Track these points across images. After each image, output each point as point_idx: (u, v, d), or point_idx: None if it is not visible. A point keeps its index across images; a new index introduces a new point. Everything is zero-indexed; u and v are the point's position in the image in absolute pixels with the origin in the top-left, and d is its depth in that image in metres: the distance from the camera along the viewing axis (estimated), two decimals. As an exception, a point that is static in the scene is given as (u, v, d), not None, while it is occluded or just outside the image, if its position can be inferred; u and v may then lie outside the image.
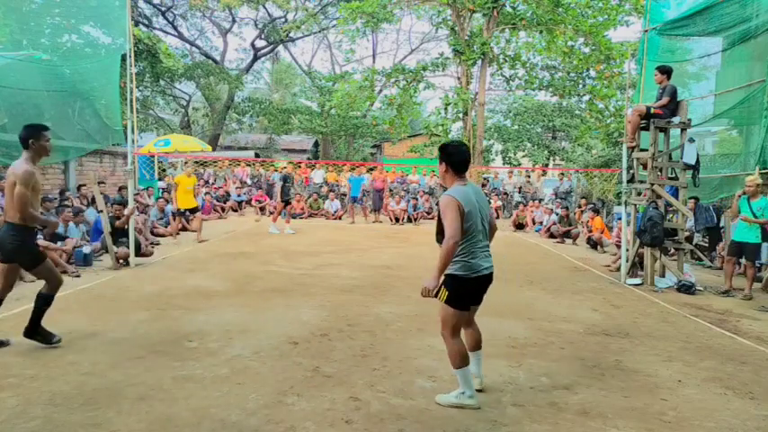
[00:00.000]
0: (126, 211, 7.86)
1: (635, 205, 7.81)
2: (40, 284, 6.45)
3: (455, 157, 3.28)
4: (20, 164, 3.96)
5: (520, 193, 18.00)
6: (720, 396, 3.64)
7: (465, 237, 3.15)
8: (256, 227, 13.24)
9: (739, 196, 7.09)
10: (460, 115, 18.32)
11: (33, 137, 3.98)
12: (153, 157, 14.92)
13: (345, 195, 16.36)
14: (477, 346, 3.53)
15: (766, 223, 6.82)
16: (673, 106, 7.47)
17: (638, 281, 7.47)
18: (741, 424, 3.23)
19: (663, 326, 5.38)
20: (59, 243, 7.36)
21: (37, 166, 4.06)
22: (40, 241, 7.06)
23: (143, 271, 7.44)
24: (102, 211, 7.90)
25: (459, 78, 18.68)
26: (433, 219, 16.02)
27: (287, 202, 12.29)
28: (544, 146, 25.33)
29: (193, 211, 10.78)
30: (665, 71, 7.55)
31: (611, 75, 16.58)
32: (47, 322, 4.22)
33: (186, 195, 10.58)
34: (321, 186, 18.03)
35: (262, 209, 16.08)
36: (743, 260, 7.42)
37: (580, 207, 13.99)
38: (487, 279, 3.30)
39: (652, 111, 7.43)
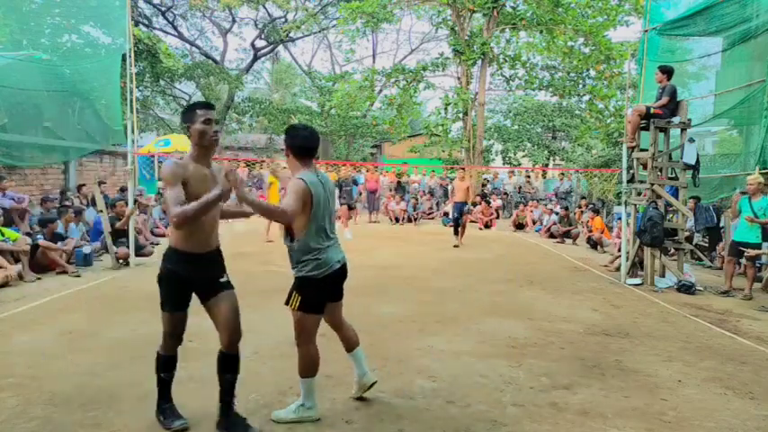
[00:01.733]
0: (126, 212, 7.88)
1: (635, 205, 7.81)
2: (40, 284, 6.50)
3: (297, 141, 2.96)
4: None
5: (520, 193, 18.00)
6: (720, 396, 3.64)
7: (312, 232, 2.92)
8: (254, 227, 13.20)
9: (739, 196, 7.08)
10: (460, 115, 18.31)
11: (187, 119, 2.90)
12: (153, 157, 14.92)
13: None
14: (353, 344, 3.31)
15: (768, 223, 6.82)
16: (672, 106, 7.46)
17: (638, 281, 7.46)
18: (741, 424, 3.23)
19: (663, 326, 5.38)
20: (60, 243, 7.37)
21: (191, 160, 2.87)
22: (41, 242, 7.07)
23: (143, 271, 7.44)
24: (102, 211, 7.91)
25: (459, 78, 18.67)
26: (432, 219, 16.02)
27: (350, 207, 12.38)
28: (544, 146, 25.30)
29: None
30: (666, 71, 7.54)
31: (611, 75, 16.58)
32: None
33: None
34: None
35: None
36: (743, 260, 7.42)
37: (580, 207, 13.99)
38: (342, 272, 3.08)
39: (652, 111, 7.43)
